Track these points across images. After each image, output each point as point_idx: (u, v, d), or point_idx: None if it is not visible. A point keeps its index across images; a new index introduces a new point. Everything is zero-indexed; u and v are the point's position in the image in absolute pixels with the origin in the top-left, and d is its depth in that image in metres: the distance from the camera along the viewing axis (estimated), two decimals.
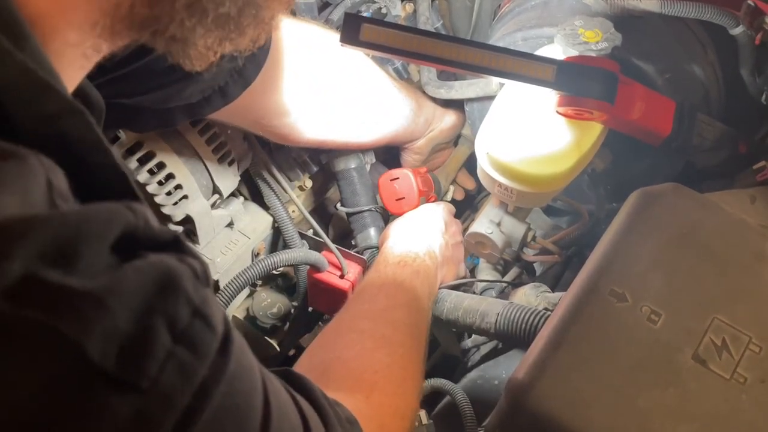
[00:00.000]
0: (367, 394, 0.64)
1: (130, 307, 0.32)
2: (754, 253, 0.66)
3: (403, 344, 0.75)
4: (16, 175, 0.31)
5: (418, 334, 0.79)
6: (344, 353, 0.71)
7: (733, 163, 0.88)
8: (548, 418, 0.58)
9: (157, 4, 0.41)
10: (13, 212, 0.30)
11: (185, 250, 0.37)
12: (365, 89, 0.99)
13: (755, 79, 0.93)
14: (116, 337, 0.31)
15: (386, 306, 0.81)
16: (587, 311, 0.62)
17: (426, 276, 0.89)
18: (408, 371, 0.72)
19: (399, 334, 0.76)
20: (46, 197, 0.32)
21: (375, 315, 0.79)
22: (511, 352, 0.89)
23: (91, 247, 0.32)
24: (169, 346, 0.33)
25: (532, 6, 1.04)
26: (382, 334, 0.74)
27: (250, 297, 1.14)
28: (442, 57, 0.79)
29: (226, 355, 0.36)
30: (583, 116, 0.82)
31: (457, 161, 1.23)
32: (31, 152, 0.32)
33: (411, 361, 0.74)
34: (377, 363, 0.69)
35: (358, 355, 0.70)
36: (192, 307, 0.35)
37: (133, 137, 0.86)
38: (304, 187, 1.14)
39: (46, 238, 0.30)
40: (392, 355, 0.72)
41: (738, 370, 0.59)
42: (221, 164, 0.94)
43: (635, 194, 0.72)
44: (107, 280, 0.31)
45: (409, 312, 0.81)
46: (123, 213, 0.34)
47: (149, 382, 0.32)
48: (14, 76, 0.33)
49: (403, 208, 1.04)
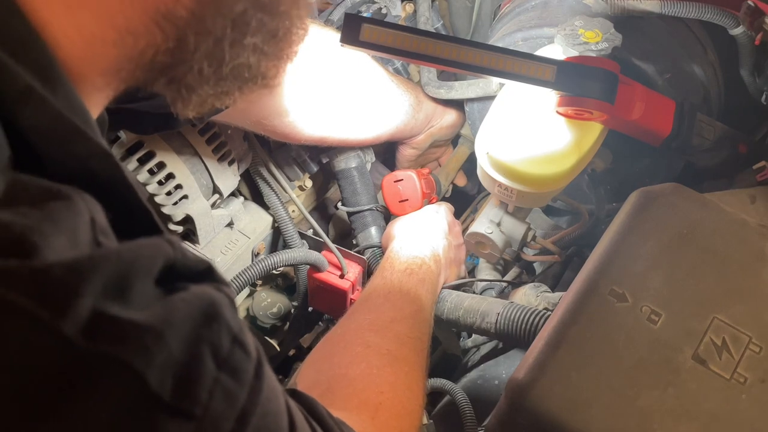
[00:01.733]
0: (372, 414, 0.64)
1: (182, 337, 0.33)
2: (754, 253, 0.66)
3: (408, 360, 0.75)
4: (66, 215, 0.33)
5: (422, 348, 0.79)
6: (349, 370, 0.71)
7: (733, 163, 0.88)
8: (548, 418, 0.58)
9: (179, 53, 0.43)
10: (66, 253, 0.31)
11: (219, 278, 0.39)
12: (364, 86, 0.99)
13: (755, 79, 0.93)
14: (172, 367, 0.32)
15: (392, 318, 0.80)
16: (587, 311, 0.62)
17: (431, 284, 0.89)
18: (413, 390, 0.72)
19: (404, 350, 0.76)
20: (90, 235, 0.34)
21: (381, 327, 0.79)
22: (511, 352, 0.89)
23: (142, 280, 0.34)
24: (215, 374, 0.35)
25: (532, 6, 1.04)
26: (388, 349, 0.74)
27: (250, 297, 1.14)
28: (442, 57, 0.79)
29: (261, 379, 0.38)
30: (583, 116, 0.82)
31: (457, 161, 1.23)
32: (75, 191, 0.34)
33: (415, 378, 0.74)
34: (383, 383, 0.69)
35: (364, 374, 0.70)
36: (232, 335, 0.36)
37: (133, 137, 0.86)
38: (304, 186, 1.14)
39: (108, 274, 0.32)
40: (397, 373, 0.72)
41: (738, 370, 0.59)
42: (221, 164, 0.94)
43: (635, 194, 0.72)
44: (162, 312, 0.33)
45: (414, 325, 0.81)
46: (164, 247, 0.36)
47: (201, 409, 0.33)
48: (47, 121, 0.35)
49: (406, 209, 1.04)
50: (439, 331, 0.98)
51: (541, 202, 0.98)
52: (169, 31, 0.41)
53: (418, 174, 1.05)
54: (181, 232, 0.95)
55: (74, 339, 0.30)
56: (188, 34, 0.42)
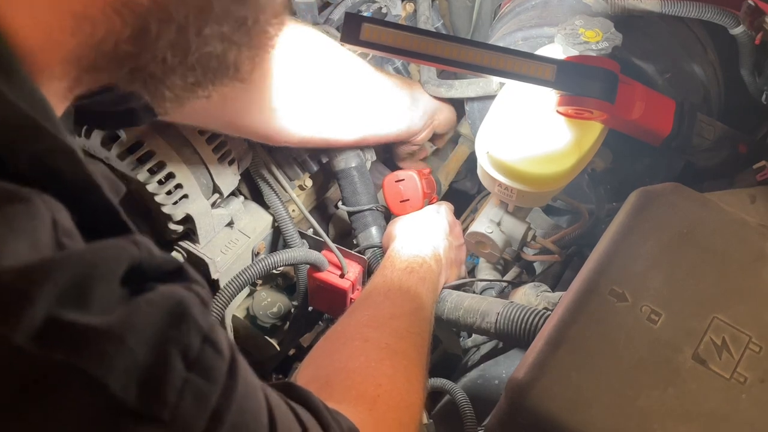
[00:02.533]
0: (370, 407, 0.64)
1: (146, 340, 0.33)
2: (754, 252, 0.66)
3: (407, 355, 0.75)
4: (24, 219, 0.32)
5: (422, 344, 0.79)
6: (348, 363, 0.71)
7: (733, 163, 0.88)
8: (548, 418, 0.58)
9: (141, 41, 0.41)
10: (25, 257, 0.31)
11: (190, 277, 0.38)
12: (349, 84, 0.97)
13: (755, 79, 0.93)
14: (136, 371, 0.32)
15: (392, 314, 0.80)
16: (587, 311, 0.62)
17: (431, 283, 0.89)
18: (412, 383, 0.72)
19: (403, 344, 0.76)
20: (52, 238, 0.33)
21: (380, 323, 0.79)
22: (511, 352, 0.89)
23: (104, 283, 0.33)
24: (184, 375, 0.34)
25: (532, 6, 1.04)
26: (386, 343, 0.74)
27: (250, 296, 1.14)
28: (442, 56, 0.79)
29: (234, 377, 0.37)
30: (583, 116, 0.82)
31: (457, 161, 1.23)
32: (35, 192, 0.33)
33: (414, 372, 0.73)
34: (381, 375, 0.69)
35: (362, 366, 0.70)
36: (202, 335, 0.36)
37: (134, 137, 0.86)
38: (304, 186, 1.14)
39: (63, 279, 0.31)
40: (396, 366, 0.72)
41: (738, 370, 0.59)
42: (221, 163, 0.94)
43: (635, 194, 0.72)
44: (123, 315, 0.32)
45: (414, 321, 0.81)
46: (129, 247, 0.35)
47: (170, 413, 0.33)
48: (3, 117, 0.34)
49: (407, 209, 1.04)
50: (440, 330, 0.98)
51: (541, 202, 0.98)
52: (130, 19, 0.40)
53: (419, 174, 1.05)
54: (181, 232, 0.95)
55: (26, 348, 0.29)
56: (150, 21, 0.40)
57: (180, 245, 0.97)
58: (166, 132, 0.89)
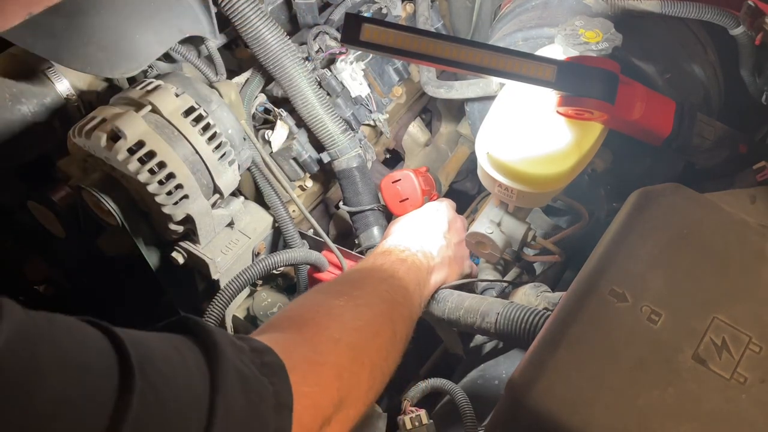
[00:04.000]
0: (299, 329, 0.61)
1: None
2: (754, 252, 0.66)
3: (364, 297, 0.72)
4: None
5: (390, 299, 0.75)
6: (289, 309, 0.69)
7: (733, 163, 0.88)
8: (548, 418, 0.58)
9: None
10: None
11: None
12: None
13: (755, 79, 0.93)
14: None
15: (356, 277, 0.79)
16: (587, 311, 0.62)
17: (413, 266, 0.87)
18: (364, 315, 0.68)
19: (361, 291, 0.73)
20: None
21: (338, 282, 0.78)
22: (511, 352, 0.89)
23: None
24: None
25: (532, 6, 1.04)
26: (338, 290, 0.72)
27: (251, 297, 1.14)
28: (442, 57, 0.80)
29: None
30: (583, 116, 0.83)
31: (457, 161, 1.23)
32: None
33: (373, 311, 0.70)
34: (321, 307, 0.66)
35: (301, 306, 0.68)
36: None
37: (135, 137, 0.86)
38: (305, 186, 1.14)
39: None
40: (346, 302, 0.68)
41: (738, 370, 0.59)
42: (221, 164, 0.94)
43: (635, 194, 0.72)
44: None
45: (382, 282, 0.79)
46: None
47: None
48: None
49: (407, 208, 1.04)
50: (441, 330, 0.98)
51: (541, 202, 0.98)
52: None
53: (415, 173, 1.05)
54: (181, 232, 0.95)
55: None
56: None
57: (180, 245, 0.97)
58: (166, 132, 0.89)
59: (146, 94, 0.90)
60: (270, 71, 1.03)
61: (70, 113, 1.00)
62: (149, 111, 0.89)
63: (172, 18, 0.97)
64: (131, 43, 0.94)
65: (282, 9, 1.13)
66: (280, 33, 1.00)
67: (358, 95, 1.12)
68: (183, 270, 1.00)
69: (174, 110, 0.90)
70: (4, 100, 0.95)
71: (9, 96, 0.95)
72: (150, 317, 1.21)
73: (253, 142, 1.03)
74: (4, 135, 0.95)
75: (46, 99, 0.98)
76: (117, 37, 0.93)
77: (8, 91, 0.95)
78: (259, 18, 0.98)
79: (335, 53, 1.09)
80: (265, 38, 0.99)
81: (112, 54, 0.93)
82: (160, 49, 0.96)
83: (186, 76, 0.97)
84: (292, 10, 1.13)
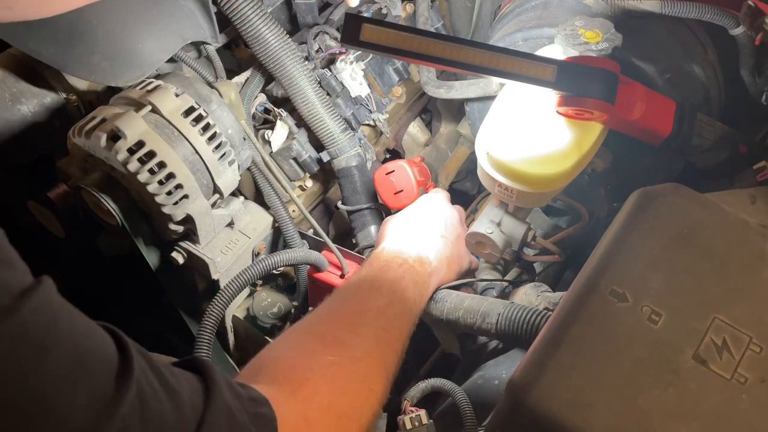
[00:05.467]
0: (293, 390, 0.61)
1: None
2: (754, 252, 0.66)
3: (360, 347, 0.72)
4: None
5: (387, 339, 0.75)
6: (285, 353, 0.68)
7: (733, 163, 0.88)
8: (548, 418, 0.57)
9: None
10: None
11: None
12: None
13: (755, 79, 0.93)
14: None
15: (353, 310, 0.78)
16: (587, 311, 0.62)
17: (411, 281, 0.85)
18: (358, 373, 0.68)
19: (357, 338, 0.73)
20: None
21: (335, 318, 0.76)
22: (511, 352, 0.89)
23: None
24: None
25: (532, 6, 1.04)
26: (335, 336, 0.72)
27: (251, 297, 1.14)
28: (442, 57, 0.79)
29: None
30: (583, 116, 0.83)
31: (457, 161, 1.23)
32: None
33: (368, 363, 0.70)
34: (315, 363, 0.66)
35: (297, 355, 0.68)
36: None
37: (135, 136, 0.86)
38: (305, 186, 1.14)
39: None
40: (340, 356, 0.68)
41: (738, 370, 0.59)
42: (221, 164, 0.94)
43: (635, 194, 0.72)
44: None
45: (380, 316, 0.77)
46: None
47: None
48: None
49: (402, 201, 1.02)
50: (438, 331, 0.98)
51: (541, 202, 0.98)
52: None
53: (409, 163, 1.03)
54: (181, 232, 0.95)
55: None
56: None
57: (180, 245, 0.97)
58: (166, 132, 0.89)
59: (146, 94, 0.90)
60: (270, 70, 1.03)
61: (70, 113, 1.00)
62: (149, 111, 0.89)
63: (174, 24, 0.97)
64: (134, 51, 0.94)
65: (282, 9, 1.13)
66: (279, 32, 1.00)
67: (358, 95, 1.12)
68: (183, 270, 1.00)
69: (174, 110, 0.90)
70: (4, 100, 0.95)
71: (9, 96, 0.95)
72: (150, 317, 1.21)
73: (253, 142, 1.03)
74: (4, 135, 0.95)
75: (46, 99, 0.98)
76: (120, 46, 0.93)
77: (8, 91, 0.95)
78: (259, 17, 0.98)
79: (335, 53, 1.09)
80: (264, 37, 0.99)
81: (116, 62, 0.93)
82: (163, 56, 0.97)
83: (186, 76, 0.97)
84: (292, 10, 1.13)
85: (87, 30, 0.91)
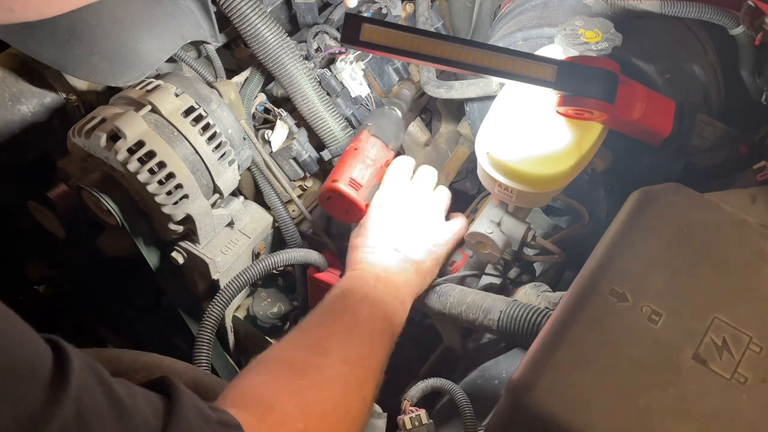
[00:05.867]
0: (262, 415, 0.60)
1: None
2: (754, 252, 0.66)
3: (330, 369, 0.70)
4: None
5: (359, 361, 0.74)
6: (253, 379, 0.67)
7: (733, 163, 0.88)
8: (548, 418, 0.58)
9: None
10: None
11: None
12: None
13: (755, 79, 0.93)
14: None
15: (321, 335, 0.76)
16: (588, 311, 0.62)
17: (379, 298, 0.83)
18: (329, 396, 0.67)
19: (327, 361, 0.71)
20: None
21: (305, 344, 0.74)
22: (512, 351, 0.89)
23: None
24: None
25: (532, 6, 1.04)
26: (304, 360, 0.70)
27: (251, 297, 1.14)
28: (442, 57, 0.79)
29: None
30: (583, 116, 0.83)
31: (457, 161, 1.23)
32: None
33: (342, 385, 0.69)
34: (283, 388, 0.65)
35: (266, 381, 0.66)
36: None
37: (135, 136, 0.86)
38: (305, 186, 1.14)
39: None
40: (309, 380, 0.67)
41: (738, 370, 0.59)
42: (221, 164, 0.94)
43: (635, 194, 0.72)
44: None
45: (350, 339, 0.76)
46: None
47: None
48: None
49: (357, 214, 0.96)
50: (439, 323, 0.98)
51: (541, 202, 0.98)
52: None
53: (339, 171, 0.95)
54: (181, 232, 0.95)
55: None
56: None
57: (180, 245, 0.97)
58: (166, 132, 0.89)
59: (146, 93, 0.90)
60: (270, 69, 1.03)
61: (69, 113, 1.00)
62: (149, 111, 0.89)
63: (173, 24, 0.97)
64: (134, 51, 0.94)
65: (282, 9, 1.13)
66: (279, 31, 1.00)
67: (358, 95, 1.12)
68: (183, 270, 1.00)
69: (174, 110, 0.90)
70: (4, 100, 0.95)
71: (9, 96, 0.95)
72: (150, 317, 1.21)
73: (253, 142, 1.03)
74: (4, 135, 0.95)
75: (45, 99, 0.98)
76: (120, 46, 0.93)
77: (8, 91, 0.95)
78: (258, 16, 0.98)
79: (335, 53, 1.09)
80: (264, 36, 0.99)
81: (116, 63, 0.93)
82: (163, 56, 0.97)
83: (186, 76, 0.97)
84: (291, 10, 1.13)
85: (86, 30, 0.91)
